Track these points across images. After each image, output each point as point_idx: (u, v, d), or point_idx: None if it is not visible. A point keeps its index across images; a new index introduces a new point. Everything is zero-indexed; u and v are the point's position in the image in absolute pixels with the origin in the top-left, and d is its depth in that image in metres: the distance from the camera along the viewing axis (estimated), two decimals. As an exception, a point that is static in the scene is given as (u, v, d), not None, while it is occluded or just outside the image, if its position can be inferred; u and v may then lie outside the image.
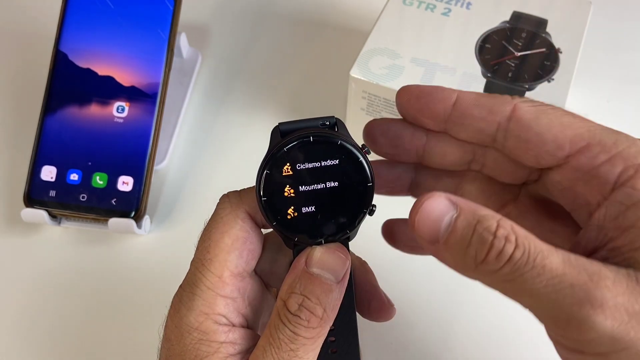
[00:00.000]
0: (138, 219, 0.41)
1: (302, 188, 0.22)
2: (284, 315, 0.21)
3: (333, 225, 0.22)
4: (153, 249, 0.43)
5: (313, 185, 0.22)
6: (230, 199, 0.24)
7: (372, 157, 0.23)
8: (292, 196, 0.22)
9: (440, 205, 0.19)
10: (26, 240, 0.43)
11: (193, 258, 0.24)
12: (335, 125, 0.23)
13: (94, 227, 0.42)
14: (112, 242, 0.43)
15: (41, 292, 0.41)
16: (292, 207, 0.22)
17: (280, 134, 0.23)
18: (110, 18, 0.44)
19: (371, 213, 0.23)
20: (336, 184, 0.22)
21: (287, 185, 0.22)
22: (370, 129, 0.25)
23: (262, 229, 0.25)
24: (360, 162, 0.22)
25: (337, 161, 0.22)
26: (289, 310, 0.21)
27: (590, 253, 0.19)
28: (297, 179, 0.22)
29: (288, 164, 0.22)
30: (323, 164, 0.22)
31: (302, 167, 0.22)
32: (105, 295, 0.41)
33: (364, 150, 0.22)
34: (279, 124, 0.23)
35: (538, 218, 0.24)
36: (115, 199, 0.41)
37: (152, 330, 0.30)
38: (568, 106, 0.39)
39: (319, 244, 0.23)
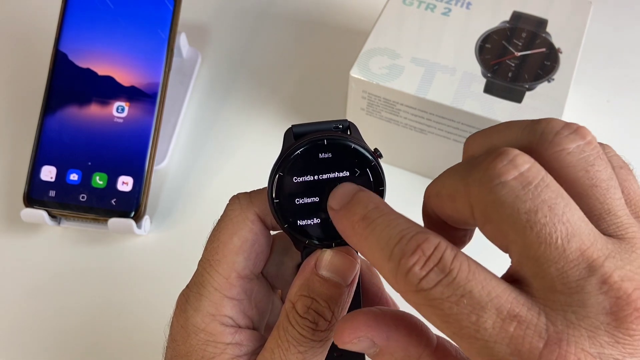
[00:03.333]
0: (138, 219, 0.41)
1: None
2: (293, 317, 0.21)
3: None
4: (153, 249, 0.43)
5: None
6: (240, 201, 0.24)
7: (383, 161, 0.23)
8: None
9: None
10: (26, 240, 0.43)
11: (201, 258, 0.24)
12: (348, 129, 0.23)
13: (94, 227, 0.42)
14: (112, 242, 0.43)
15: (41, 292, 0.41)
16: None
17: (294, 136, 0.23)
18: (110, 18, 0.44)
19: None
20: None
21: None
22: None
23: (270, 232, 0.25)
24: (374, 165, 0.22)
25: (350, 165, 0.22)
26: (298, 313, 0.21)
27: None
28: (310, 181, 0.22)
29: (301, 167, 0.22)
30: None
31: (315, 169, 0.22)
32: (105, 295, 0.41)
33: (376, 154, 0.22)
34: (292, 126, 0.23)
35: None
36: (115, 199, 0.41)
37: (152, 330, 0.30)
38: (568, 106, 0.39)
39: (329, 247, 0.23)
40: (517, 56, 0.40)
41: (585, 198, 0.17)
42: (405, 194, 0.45)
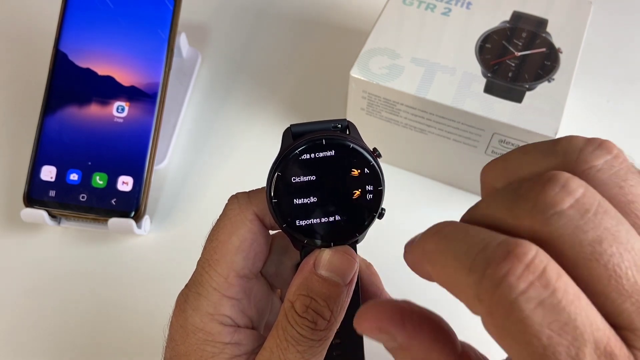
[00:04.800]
0: (138, 219, 0.41)
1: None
2: (292, 317, 0.21)
3: (342, 228, 0.22)
4: (153, 249, 0.43)
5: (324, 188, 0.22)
6: (239, 200, 0.24)
7: (382, 161, 0.23)
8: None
9: None
10: (26, 240, 0.43)
11: (200, 258, 0.24)
12: (347, 128, 0.23)
13: (94, 227, 0.42)
14: (112, 242, 0.43)
15: (41, 292, 0.41)
16: None
17: (292, 135, 0.23)
18: (110, 18, 0.44)
19: (380, 217, 0.23)
20: (347, 186, 0.22)
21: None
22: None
23: (269, 231, 0.25)
24: (372, 165, 0.22)
25: (349, 164, 0.22)
26: (297, 312, 0.21)
27: None
28: (308, 181, 0.22)
29: (299, 166, 0.22)
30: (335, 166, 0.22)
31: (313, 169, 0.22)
32: (104, 295, 0.41)
33: (375, 153, 0.22)
34: (291, 125, 0.23)
35: None
36: (115, 199, 0.41)
37: (151, 330, 0.30)
38: (568, 106, 0.39)
39: (328, 246, 0.23)
40: (517, 56, 0.40)
41: (625, 216, 0.15)
42: (405, 194, 0.46)
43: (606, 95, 0.50)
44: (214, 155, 0.47)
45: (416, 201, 0.44)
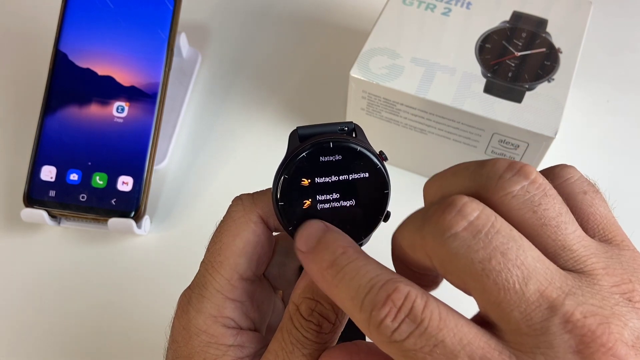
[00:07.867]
0: (138, 219, 0.41)
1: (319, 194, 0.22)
2: (297, 320, 0.21)
3: (348, 231, 0.22)
4: (153, 249, 0.43)
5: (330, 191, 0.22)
6: (243, 202, 0.24)
7: (388, 164, 0.23)
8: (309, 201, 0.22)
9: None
10: (26, 240, 0.43)
11: (203, 259, 0.24)
12: (353, 131, 0.23)
13: (94, 227, 0.42)
14: (112, 242, 0.43)
15: (41, 292, 0.41)
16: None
17: (299, 138, 0.23)
18: (110, 18, 0.44)
19: (386, 219, 0.23)
20: (353, 190, 0.22)
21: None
22: None
23: (273, 233, 0.25)
24: (379, 168, 0.22)
25: (355, 167, 0.22)
26: (302, 315, 0.21)
27: None
28: (315, 184, 0.22)
29: (306, 169, 0.22)
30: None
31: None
32: (104, 295, 0.41)
33: (381, 157, 0.22)
34: (297, 128, 0.23)
35: None
36: (115, 199, 0.41)
37: (152, 330, 0.30)
38: (568, 106, 0.39)
39: None
40: (517, 56, 0.40)
41: (538, 237, 0.17)
42: (405, 194, 0.45)
43: (606, 95, 0.50)
44: (214, 155, 0.47)
45: (416, 201, 0.44)
